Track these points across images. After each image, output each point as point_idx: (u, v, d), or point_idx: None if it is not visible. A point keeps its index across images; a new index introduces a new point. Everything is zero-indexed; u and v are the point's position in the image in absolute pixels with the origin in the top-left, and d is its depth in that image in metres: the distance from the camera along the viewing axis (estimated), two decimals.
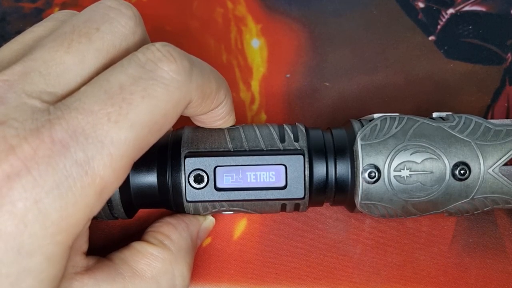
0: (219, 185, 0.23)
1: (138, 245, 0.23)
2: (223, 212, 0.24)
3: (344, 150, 0.24)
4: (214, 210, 0.24)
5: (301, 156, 0.23)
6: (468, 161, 0.23)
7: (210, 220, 0.26)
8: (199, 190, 0.23)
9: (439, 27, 0.32)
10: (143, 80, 0.18)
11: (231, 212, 0.24)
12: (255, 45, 0.32)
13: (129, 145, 0.17)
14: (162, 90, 0.18)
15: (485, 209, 0.24)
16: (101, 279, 0.21)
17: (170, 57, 0.19)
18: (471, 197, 0.23)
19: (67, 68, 0.18)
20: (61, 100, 0.18)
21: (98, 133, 0.17)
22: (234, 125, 0.25)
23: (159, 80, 0.18)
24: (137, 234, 0.25)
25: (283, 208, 0.24)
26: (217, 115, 0.23)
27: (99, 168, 0.17)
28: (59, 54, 0.18)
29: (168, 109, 0.19)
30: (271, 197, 0.23)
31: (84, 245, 0.22)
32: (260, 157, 0.23)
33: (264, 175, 0.23)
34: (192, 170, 0.23)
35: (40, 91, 0.17)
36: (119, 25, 0.19)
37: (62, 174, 0.16)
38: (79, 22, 0.19)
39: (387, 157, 0.23)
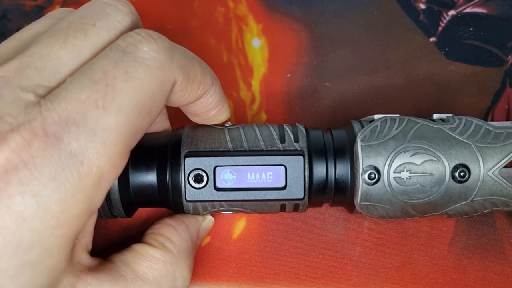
0: (218, 185, 0.23)
1: (139, 247, 0.23)
2: (223, 212, 0.24)
3: (344, 151, 0.24)
4: (213, 210, 0.24)
5: (301, 157, 0.23)
6: (468, 163, 0.23)
7: (209, 220, 0.26)
8: (199, 190, 0.23)
9: (440, 28, 0.32)
10: (124, 62, 0.18)
11: (231, 212, 0.24)
12: (256, 45, 0.32)
13: (121, 130, 0.18)
14: (144, 70, 0.18)
15: (485, 211, 0.24)
16: (104, 280, 0.21)
17: (149, 38, 0.19)
18: (470, 199, 0.23)
19: (62, 63, 0.18)
20: None
21: (88, 122, 0.17)
22: (234, 125, 0.25)
23: (140, 61, 0.18)
24: (137, 235, 0.25)
25: (283, 208, 0.24)
26: (208, 104, 0.23)
27: (94, 157, 0.17)
28: (55, 49, 0.18)
29: (153, 89, 0.19)
30: (271, 198, 0.23)
31: (89, 244, 0.22)
32: (260, 157, 0.23)
33: (264, 175, 0.23)
34: (192, 170, 0.23)
35: (35, 85, 0.17)
36: (115, 21, 0.20)
37: (58, 166, 0.16)
38: (76, 18, 0.19)
39: (387, 159, 0.23)
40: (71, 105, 0.17)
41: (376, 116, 0.24)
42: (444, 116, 0.25)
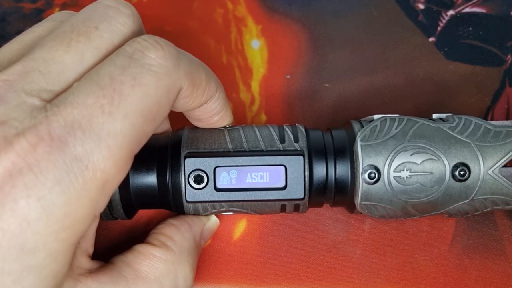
0: (219, 185, 0.23)
1: (140, 248, 0.23)
2: (223, 213, 0.24)
3: (344, 151, 0.24)
4: (214, 211, 0.24)
5: (301, 157, 0.23)
6: (468, 162, 0.23)
7: (214, 221, 0.26)
8: (199, 191, 0.23)
9: (439, 28, 0.32)
10: (131, 68, 0.18)
11: (231, 213, 0.24)
12: (255, 46, 0.32)
13: (126, 135, 0.18)
14: (151, 77, 0.18)
15: (485, 210, 0.24)
16: (104, 282, 0.21)
17: (156, 45, 0.19)
18: (470, 198, 0.23)
19: (66, 66, 0.18)
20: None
21: (94, 127, 0.17)
22: (234, 126, 0.25)
23: (147, 67, 0.18)
24: (139, 237, 0.25)
25: (283, 209, 0.24)
26: (211, 109, 0.23)
27: (99, 161, 0.17)
28: (59, 53, 0.18)
29: (159, 96, 0.19)
30: (271, 198, 0.23)
31: (90, 248, 0.22)
32: (260, 157, 0.23)
33: (264, 175, 0.23)
34: (192, 171, 0.23)
35: (40, 89, 0.17)
36: (117, 24, 0.20)
37: (62, 170, 0.16)
38: (78, 21, 0.19)
39: (387, 158, 0.23)
40: (77, 109, 0.17)
41: (376, 116, 0.24)
42: (443, 115, 0.25)
